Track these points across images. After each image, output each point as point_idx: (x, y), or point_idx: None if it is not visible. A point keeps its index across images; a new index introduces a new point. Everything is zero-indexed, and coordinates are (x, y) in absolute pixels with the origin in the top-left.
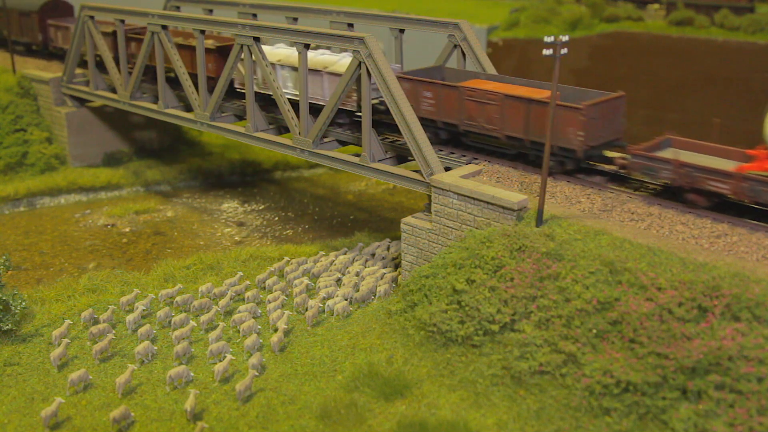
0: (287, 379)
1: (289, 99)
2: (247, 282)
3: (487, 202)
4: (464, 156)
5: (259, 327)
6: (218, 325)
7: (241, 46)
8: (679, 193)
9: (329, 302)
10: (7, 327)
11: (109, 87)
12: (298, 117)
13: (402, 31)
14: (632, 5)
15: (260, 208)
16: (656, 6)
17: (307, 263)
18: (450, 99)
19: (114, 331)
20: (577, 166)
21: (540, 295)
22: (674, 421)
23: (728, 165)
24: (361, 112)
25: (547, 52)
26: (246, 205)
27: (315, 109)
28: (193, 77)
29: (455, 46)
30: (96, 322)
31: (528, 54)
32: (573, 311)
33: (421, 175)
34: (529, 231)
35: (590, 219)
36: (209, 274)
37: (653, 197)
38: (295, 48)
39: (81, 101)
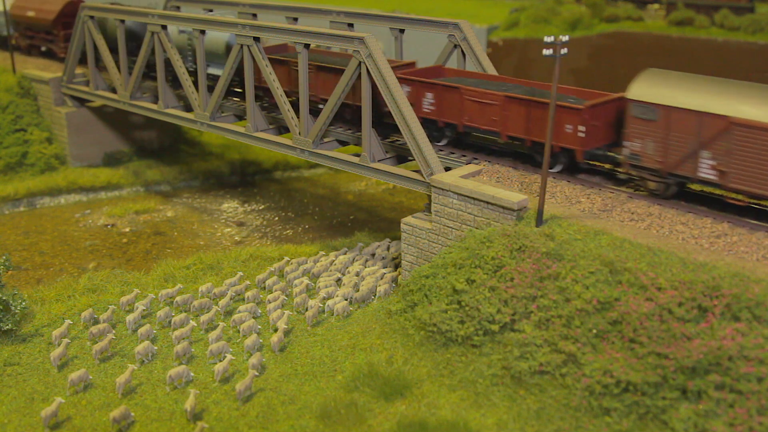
0: (287, 379)
1: None
2: (247, 282)
3: (487, 202)
4: (464, 156)
5: (259, 327)
6: (218, 325)
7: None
8: None
9: (329, 302)
10: (7, 327)
11: (109, 87)
12: (298, 117)
13: (402, 31)
14: (632, 5)
15: (260, 208)
16: (656, 6)
17: (307, 263)
18: None
19: (114, 331)
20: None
21: (540, 295)
22: (674, 421)
23: None
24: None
25: (547, 52)
26: (246, 205)
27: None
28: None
29: (455, 46)
30: (96, 322)
31: (528, 54)
32: (573, 311)
33: (421, 175)
34: (529, 231)
35: (590, 219)
36: (209, 274)
37: (653, 197)
38: None
39: (81, 101)
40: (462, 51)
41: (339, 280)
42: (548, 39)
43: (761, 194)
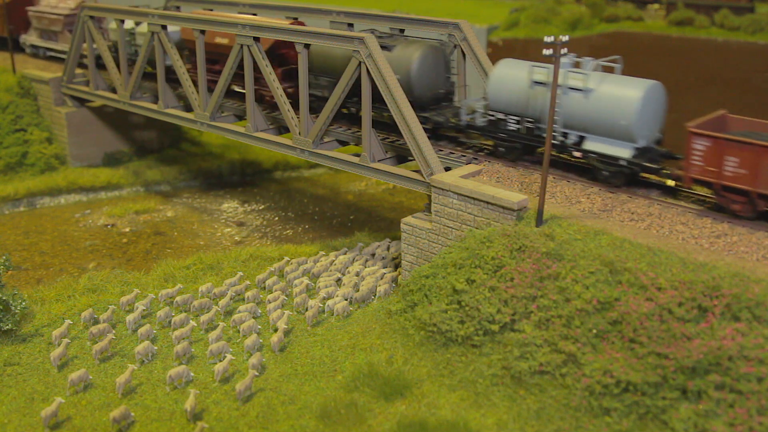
0: (287, 379)
1: None
2: (247, 282)
3: (487, 202)
4: (464, 156)
5: (259, 327)
6: (218, 325)
7: (240, 46)
8: None
9: (329, 302)
10: (7, 327)
11: (109, 87)
12: (297, 117)
13: (402, 31)
14: (632, 5)
15: (260, 208)
16: (656, 6)
17: (307, 263)
18: None
19: (114, 331)
20: None
21: (540, 295)
22: (674, 421)
23: None
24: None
25: (547, 52)
26: (246, 205)
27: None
28: None
29: (455, 46)
30: (96, 322)
31: (528, 54)
32: (573, 311)
33: (421, 175)
34: (529, 231)
35: (590, 219)
36: (209, 274)
37: (653, 197)
38: None
39: (81, 101)
40: (462, 51)
41: (339, 280)
42: (548, 39)
43: None
